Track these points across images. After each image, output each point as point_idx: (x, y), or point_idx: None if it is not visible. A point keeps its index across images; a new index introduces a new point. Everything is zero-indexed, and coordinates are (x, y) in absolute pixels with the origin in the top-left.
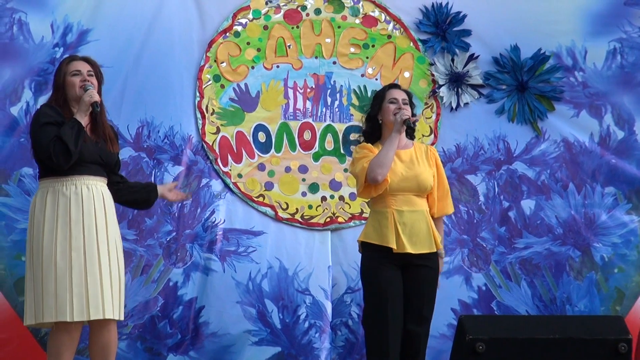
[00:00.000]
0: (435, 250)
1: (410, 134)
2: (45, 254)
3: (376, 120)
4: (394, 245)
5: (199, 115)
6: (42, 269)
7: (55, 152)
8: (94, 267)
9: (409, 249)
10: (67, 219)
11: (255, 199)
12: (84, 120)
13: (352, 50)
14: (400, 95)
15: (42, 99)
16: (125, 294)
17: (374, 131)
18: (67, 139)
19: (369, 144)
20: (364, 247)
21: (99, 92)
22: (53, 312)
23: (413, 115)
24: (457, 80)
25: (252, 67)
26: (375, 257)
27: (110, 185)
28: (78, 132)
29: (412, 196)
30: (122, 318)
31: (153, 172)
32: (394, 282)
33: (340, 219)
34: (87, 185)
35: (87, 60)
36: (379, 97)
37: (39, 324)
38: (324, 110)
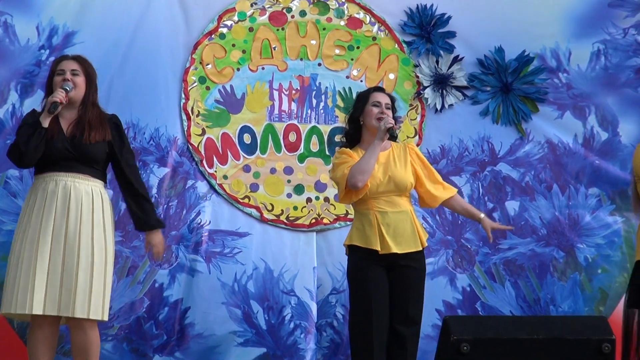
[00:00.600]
0: (420, 249)
1: (392, 138)
2: (14, 248)
3: (358, 122)
4: (378, 248)
5: (184, 117)
6: (10, 262)
7: (11, 153)
8: (44, 261)
9: (394, 249)
10: (31, 214)
11: (241, 201)
12: (46, 121)
13: (337, 52)
14: (384, 99)
15: (28, 101)
16: (111, 296)
17: (355, 132)
18: (20, 139)
19: (348, 149)
20: (350, 250)
21: (92, 90)
22: (18, 303)
23: (395, 119)
24: (441, 82)
25: (238, 69)
26: (361, 259)
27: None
28: (33, 132)
29: (394, 197)
30: (91, 316)
31: None
32: (379, 284)
33: (325, 220)
34: (56, 180)
35: (76, 59)
36: (363, 99)
37: (11, 315)
38: (309, 111)
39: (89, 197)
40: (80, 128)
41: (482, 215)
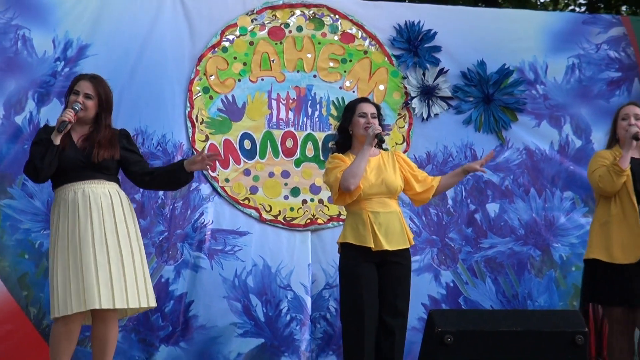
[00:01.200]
0: (408, 247)
1: (380, 145)
2: (50, 254)
3: (347, 131)
4: (372, 245)
5: (189, 124)
6: (54, 270)
7: (27, 170)
8: (77, 265)
9: (386, 246)
10: (58, 225)
11: (241, 202)
12: (57, 139)
13: (331, 64)
14: (369, 109)
15: (44, 109)
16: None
17: (345, 141)
18: (34, 157)
19: (341, 154)
20: (343, 247)
21: (104, 111)
22: (54, 307)
23: (382, 126)
24: (427, 93)
25: (239, 80)
26: (353, 256)
27: (143, 177)
28: (46, 150)
29: (385, 198)
30: (130, 305)
31: None
32: (370, 279)
33: (319, 221)
34: (74, 189)
35: (92, 81)
36: (350, 110)
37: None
38: (305, 120)
39: (107, 198)
40: (90, 143)
41: (463, 167)
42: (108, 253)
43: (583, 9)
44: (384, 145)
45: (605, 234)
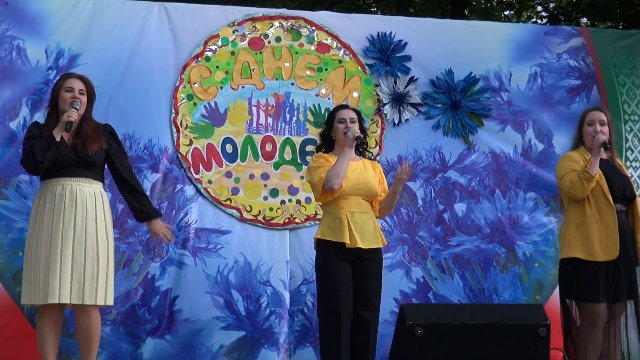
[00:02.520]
0: (380, 246)
1: (362, 148)
2: (26, 246)
3: (329, 137)
4: (347, 241)
5: (174, 130)
6: (25, 259)
7: (26, 162)
8: (56, 255)
9: (360, 244)
10: (42, 214)
11: (223, 202)
12: (59, 135)
13: (308, 73)
14: (348, 114)
15: (38, 115)
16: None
17: (327, 146)
18: (36, 151)
19: (325, 154)
20: (319, 244)
21: (91, 107)
22: (26, 294)
23: (363, 130)
24: (399, 100)
25: (221, 88)
26: (329, 252)
27: (115, 177)
28: (49, 145)
29: (362, 200)
30: (99, 302)
31: None
32: (345, 275)
33: (297, 220)
34: (62, 185)
35: (82, 79)
36: (331, 117)
37: (29, 304)
38: (283, 125)
39: (92, 198)
40: (81, 139)
41: (393, 185)
42: (85, 251)
43: (545, 20)
44: (366, 155)
45: (583, 233)
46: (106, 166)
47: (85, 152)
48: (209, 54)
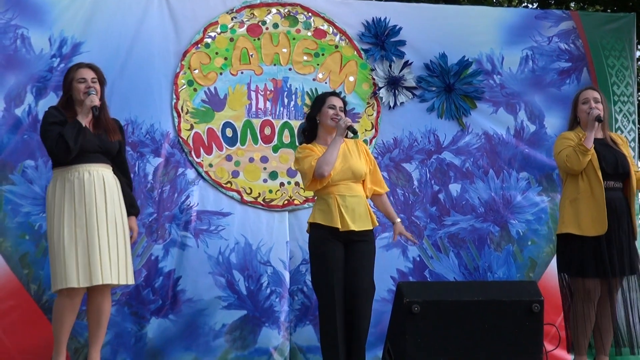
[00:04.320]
0: (372, 228)
1: (354, 135)
2: (55, 231)
3: (314, 120)
4: (339, 225)
5: (175, 115)
6: (54, 244)
7: (58, 148)
8: (94, 240)
9: (352, 227)
10: (72, 200)
11: (224, 185)
12: (84, 120)
13: (305, 58)
14: (338, 102)
15: (42, 102)
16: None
17: (312, 129)
18: (68, 137)
19: (309, 145)
20: (312, 227)
21: (102, 93)
22: (63, 279)
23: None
24: (394, 83)
25: (221, 73)
26: (322, 236)
27: (115, 167)
28: (78, 131)
29: (351, 183)
30: (129, 282)
31: (137, 163)
32: (338, 258)
33: (296, 202)
34: (89, 171)
35: (91, 67)
36: (320, 101)
37: (57, 290)
38: (281, 109)
39: (114, 183)
40: (103, 128)
41: (398, 220)
42: (116, 233)
43: (535, 5)
44: (352, 134)
45: (575, 209)
46: None
47: (109, 139)
48: (209, 40)
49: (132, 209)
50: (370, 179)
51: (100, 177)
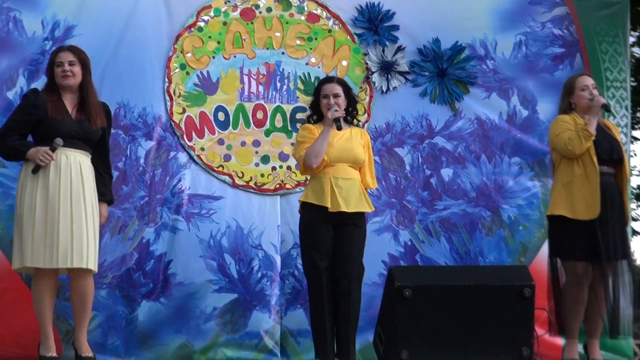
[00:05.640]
0: (364, 212)
1: (351, 117)
2: (26, 210)
3: (317, 108)
4: (329, 205)
5: (167, 98)
6: (23, 223)
7: (2, 151)
8: (67, 222)
9: (343, 208)
10: (46, 182)
11: (216, 169)
12: (30, 163)
13: (298, 42)
14: (332, 90)
15: (34, 84)
16: (105, 250)
17: (316, 114)
18: (18, 153)
19: (311, 125)
20: (304, 206)
21: (88, 74)
22: (29, 258)
23: (352, 100)
24: (387, 68)
25: (213, 57)
26: (312, 215)
27: (93, 157)
28: (16, 154)
29: (347, 167)
30: (89, 267)
31: (129, 147)
32: (326, 239)
33: (288, 186)
34: (66, 155)
35: (71, 49)
36: (317, 91)
37: (22, 269)
38: (274, 93)
39: (88, 169)
40: (86, 112)
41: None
42: (86, 218)
43: None
44: (355, 123)
45: (569, 192)
46: None
47: (90, 126)
48: (202, 24)
49: (102, 197)
50: (363, 170)
51: (77, 162)
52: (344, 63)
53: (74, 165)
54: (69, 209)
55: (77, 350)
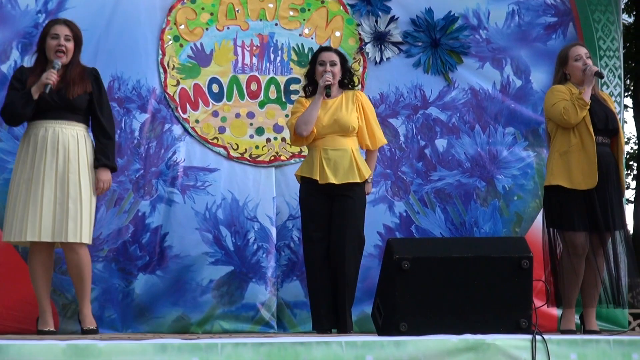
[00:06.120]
0: (357, 181)
1: (347, 81)
2: (13, 185)
3: (312, 78)
4: (317, 177)
5: (161, 70)
6: (11, 197)
7: (4, 114)
8: (37, 195)
9: (332, 180)
10: (26, 155)
11: (210, 141)
12: (36, 94)
13: (291, 13)
14: (329, 57)
15: (27, 58)
16: (100, 223)
17: (311, 84)
18: (16, 103)
19: (303, 99)
20: (301, 180)
21: (79, 51)
22: (7, 232)
23: (348, 71)
24: (380, 39)
25: (207, 29)
26: (306, 188)
27: (93, 128)
28: (26, 102)
29: (338, 137)
30: (83, 240)
31: (123, 119)
32: (320, 211)
33: (282, 157)
34: (46, 127)
35: (67, 24)
36: (313, 59)
37: (17, 242)
38: (267, 65)
39: (75, 140)
40: (65, 83)
41: (369, 180)
42: (68, 191)
43: None
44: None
45: (566, 162)
46: None
47: (67, 95)
48: None
49: (97, 162)
50: (361, 131)
51: (56, 133)
52: (337, 34)
53: (62, 138)
54: (53, 183)
55: (80, 323)
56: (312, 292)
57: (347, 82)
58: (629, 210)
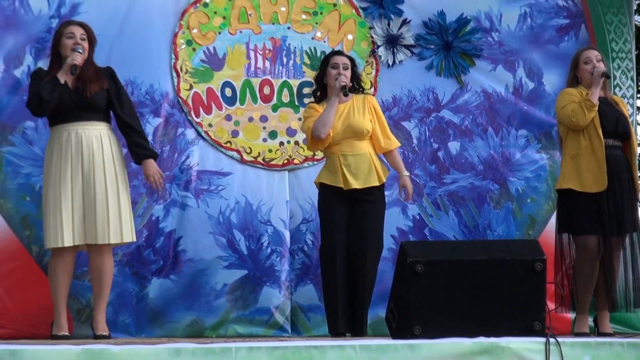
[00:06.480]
0: (377, 185)
1: (357, 86)
2: (44, 191)
3: (322, 82)
4: (342, 185)
5: (174, 75)
6: (44, 205)
7: (32, 102)
8: (67, 201)
9: (355, 185)
10: (51, 162)
11: (224, 145)
12: (63, 77)
13: (304, 17)
14: (341, 60)
15: (40, 63)
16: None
17: (320, 90)
18: (42, 91)
19: (316, 104)
20: (320, 187)
21: (92, 52)
22: (51, 239)
23: (357, 76)
24: (392, 41)
25: (219, 33)
26: (327, 196)
27: (119, 124)
28: (53, 86)
29: (353, 141)
30: (124, 240)
31: None
32: (340, 217)
33: (295, 161)
34: (69, 131)
35: (82, 25)
36: (325, 62)
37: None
38: (280, 68)
39: (98, 140)
40: (82, 82)
41: (405, 173)
42: (95, 193)
43: None
44: (358, 91)
45: (576, 165)
46: None
47: (84, 93)
48: (207, 0)
49: (137, 158)
50: (375, 135)
51: (78, 135)
52: (350, 37)
53: (85, 140)
54: (80, 187)
55: (94, 329)
56: (329, 296)
57: (357, 86)
58: None
